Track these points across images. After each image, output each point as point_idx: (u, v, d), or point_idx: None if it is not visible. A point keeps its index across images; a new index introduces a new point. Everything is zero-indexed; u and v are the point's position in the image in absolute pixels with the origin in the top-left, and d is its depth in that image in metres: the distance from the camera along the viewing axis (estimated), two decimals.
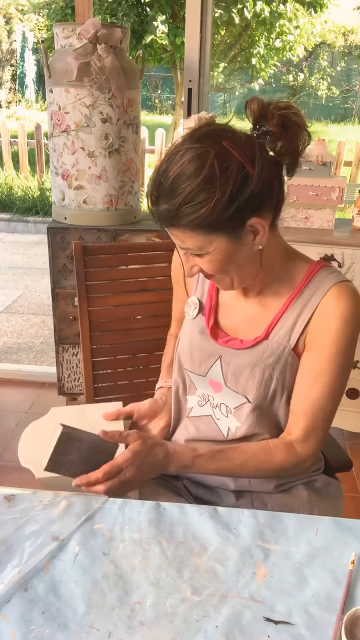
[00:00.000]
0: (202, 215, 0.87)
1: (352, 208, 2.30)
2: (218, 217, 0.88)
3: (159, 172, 0.90)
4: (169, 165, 0.89)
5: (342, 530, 0.88)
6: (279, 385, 1.03)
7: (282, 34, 9.79)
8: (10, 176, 7.38)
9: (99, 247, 1.63)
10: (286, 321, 1.02)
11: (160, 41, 8.54)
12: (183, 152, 0.88)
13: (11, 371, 2.91)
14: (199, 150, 0.87)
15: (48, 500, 0.91)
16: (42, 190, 6.88)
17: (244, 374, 1.04)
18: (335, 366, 0.99)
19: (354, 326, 0.98)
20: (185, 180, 0.87)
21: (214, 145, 0.87)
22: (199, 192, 0.86)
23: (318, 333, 0.99)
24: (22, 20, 15.41)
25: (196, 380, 1.13)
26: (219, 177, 0.86)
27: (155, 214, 0.92)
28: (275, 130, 0.91)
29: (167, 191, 0.88)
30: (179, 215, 0.88)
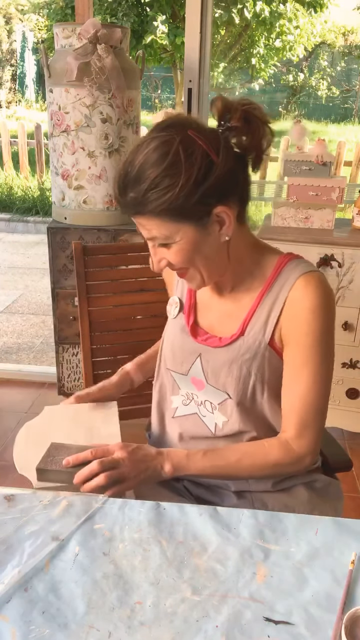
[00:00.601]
0: (168, 200, 0.89)
1: (352, 208, 2.30)
2: (184, 202, 0.89)
3: (125, 163, 0.92)
4: (135, 155, 0.91)
5: (342, 530, 0.88)
6: (258, 381, 1.03)
7: (282, 34, 9.80)
8: (10, 176, 7.38)
9: (99, 247, 1.63)
10: (260, 316, 1.03)
11: (160, 41, 8.55)
12: (148, 142, 0.91)
13: (11, 371, 2.91)
14: (164, 138, 0.89)
15: (48, 500, 0.91)
16: (42, 190, 6.88)
17: (223, 371, 1.05)
18: (315, 357, 0.99)
19: (325, 314, 0.98)
20: (150, 167, 0.89)
21: (179, 133, 0.90)
22: (164, 177, 0.88)
23: (291, 326, 1.00)
24: (22, 20, 15.41)
25: (179, 380, 1.13)
26: (184, 163, 0.88)
27: (122, 204, 0.94)
28: (239, 125, 0.93)
29: (133, 179, 0.90)
30: (145, 202, 0.90)
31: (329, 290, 1.00)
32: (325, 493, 1.13)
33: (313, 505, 1.09)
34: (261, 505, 1.09)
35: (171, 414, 1.16)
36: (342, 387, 2.30)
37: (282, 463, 1.02)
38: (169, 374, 1.15)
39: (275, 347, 1.02)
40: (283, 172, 2.31)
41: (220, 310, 1.08)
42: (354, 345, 2.22)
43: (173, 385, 1.15)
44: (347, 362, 2.25)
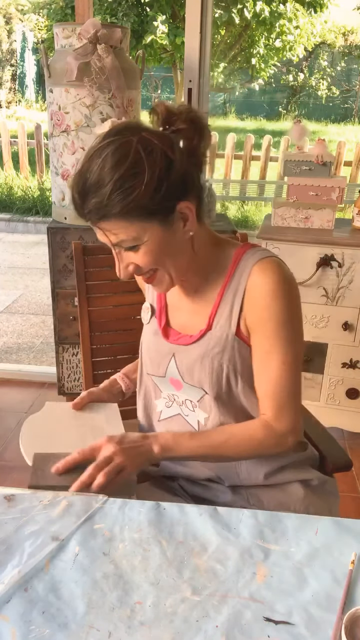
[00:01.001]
0: (135, 200, 0.89)
1: (352, 208, 2.30)
2: (149, 200, 0.90)
3: (81, 172, 0.92)
4: (91, 162, 0.91)
5: (342, 530, 0.88)
6: (231, 373, 1.04)
7: (282, 34, 9.80)
8: (10, 176, 7.39)
9: (99, 247, 1.63)
10: (224, 308, 1.04)
11: (160, 41, 8.55)
12: (104, 147, 0.91)
13: (11, 371, 2.91)
14: (120, 140, 0.90)
15: (48, 500, 0.91)
16: (42, 190, 6.88)
17: (196, 367, 1.06)
18: (281, 340, 1.00)
19: (284, 297, 0.99)
20: (111, 169, 0.89)
21: (134, 135, 0.91)
22: (128, 177, 0.89)
23: (253, 314, 1.01)
24: (22, 20, 15.41)
25: (159, 383, 1.14)
26: (145, 160, 0.89)
27: (83, 213, 0.93)
28: (186, 127, 0.95)
29: (94, 185, 0.90)
30: (110, 204, 0.89)
31: (287, 273, 1.01)
32: (321, 491, 1.13)
33: (309, 502, 1.10)
34: (256, 502, 1.10)
35: (157, 418, 1.17)
36: (342, 387, 2.30)
37: (266, 443, 1.03)
38: (150, 379, 1.17)
39: (243, 337, 1.04)
40: (283, 172, 2.31)
41: (189, 309, 1.09)
42: (354, 345, 2.22)
43: (155, 389, 1.16)
44: (347, 362, 2.25)
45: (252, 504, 1.09)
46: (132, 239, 0.93)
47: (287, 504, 1.09)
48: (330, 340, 2.25)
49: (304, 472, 1.13)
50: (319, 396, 2.34)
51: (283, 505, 1.09)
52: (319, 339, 2.26)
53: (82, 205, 0.92)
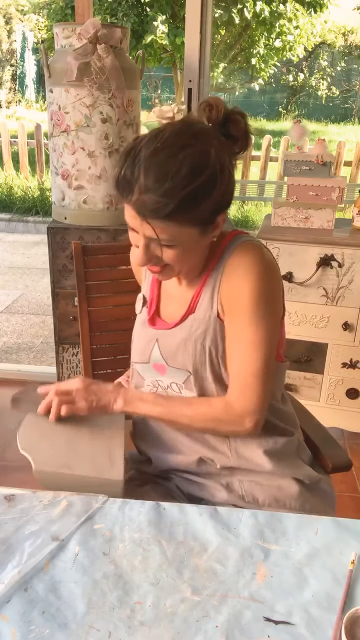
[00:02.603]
0: (198, 211, 0.92)
1: (352, 208, 2.30)
2: (208, 213, 0.94)
3: (153, 163, 0.89)
4: (163, 157, 0.89)
5: (342, 530, 0.88)
6: (213, 355, 1.05)
7: (282, 34, 9.80)
8: (10, 176, 7.38)
9: (99, 247, 1.63)
10: (207, 292, 1.05)
11: (160, 41, 8.55)
12: (181, 147, 0.90)
13: (11, 371, 2.91)
14: (200, 148, 0.91)
15: (48, 500, 0.91)
16: (42, 190, 6.88)
17: (180, 350, 1.07)
18: (250, 320, 1.00)
19: (257, 277, 0.99)
20: (187, 176, 0.89)
21: (211, 143, 0.92)
22: (200, 189, 0.90)
23: (227, 294, 1.02)
24: (22, 20, 15.41)
25: (142, 370, 1.15)
26: (219, 178, 0.92)
27: (137, 203, 0.90)
28: (241, 139, 0.98)
29: (162, 184, 0.88)
30: (174, 210, 0.89)
31: (265, 256, 1.02)
32: (315, 489, 1.14)
33: (304, 498, 1.10)
34: (252, 499, 1.10)
35: None
36: (342, 387, 2.30)
37: (221, 419, 1.04)
38: (134, 367, 1.18)
39: (222, 319, 1.04)
40: (283, 172, 2.31)
41: (180, 298, 1.10)
42: (354, 345, 2.22)
43: (138, 378, 1.17)
44: (347, 362, 2.25)
45: (248, 502, 1.10)
46: (171, 239, 0.94)
47: (283, 501, 1.09)
48: (330, 340, 2.25)
49: (298, 468, 1.13)
50: (319, 396, 2.34)
51: (279, 502, 1.09)
52: (319, 339, 2.26)
53: (140, 195, 0.90)
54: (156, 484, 1.16)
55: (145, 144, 0.91)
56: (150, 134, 0.94)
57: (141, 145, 0.91)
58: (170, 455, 1.14)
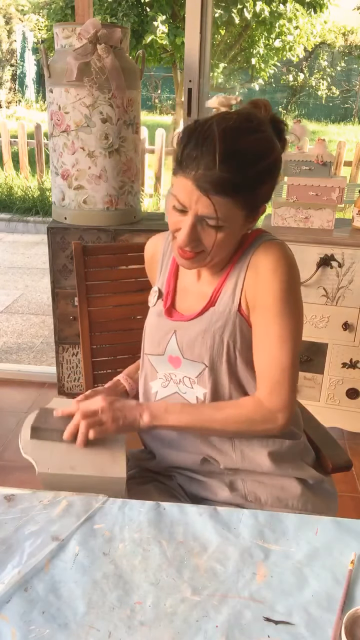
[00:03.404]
0: (256, 194, 0.98)
1: (352, 208, 2.30)
2: (263, 197, 1.00)
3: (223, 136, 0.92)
4: (240, 137, 0.93)
5: (342, 530, 0.88)
6: (230, 348, 1.06)
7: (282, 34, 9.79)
8: (10, 176, 7.38)
9: (99, 247, 1.63)
10: (228, 286, 1.07)
11: (160, 41, 8.54)
12: (252, 129, 0.95)
13: (11, 371, 2.91)
14: (268, 134, 0.97)
15: (48, 500, 0.91)
16: (42, 190, 6.88)
17: (198, 341, 1.07)
18: (279, 315, 1.01)
19: (284, 274, 1.01)
20: (258, 158, 0.94)
21: (273, 136, 0.98)
22: (266, 171, 0.96)
23: (254, 289, 1.03)
24: (22, 20, 15.41)
25: (156, 363, 1.15)
26: (279, 165, 0.99)
27: (203, 178, 0.92)
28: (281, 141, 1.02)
29: (237, 161, 0.92)
30: (240, 187, 0.93)
31: (289, 254, 1.04)
32: (318, 489, 1.14)
33: (306, 499, 1.10)
34: (254, 498, 1.10)
35: (152, 399, 1.18)
36: (342, 387, 2.30)
37: (254, 418, 1.04)
38: (147, 360, 1.18)
39: (243, 314, 1.05)
40: (283, 172, 2.31)
41: (198, 292, 1.11)
42: (354, 345, 2.22)
43: (151, 371, 1.17)
44: (347, 362, 2.25)
45: (250, 501, 1.10)
46: (223, 218, 0.96)
47: (285, 500, 1.09)
48: (330, 340, 2.25)
49: (300, 468, 1.13)
50: (319, 396, 2.34)
51: (281, 501, 1.09)
52: (319, 339, 2.26)
53: (206, 170, 0.92)
54: (158, 482, 1.16)
55: (216, 123, 0.93)
56: (216, 116, 0.97)
57: (209, 123, 0.94)
58: (175, 453, 1.14)
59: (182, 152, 0.94)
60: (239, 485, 1.11)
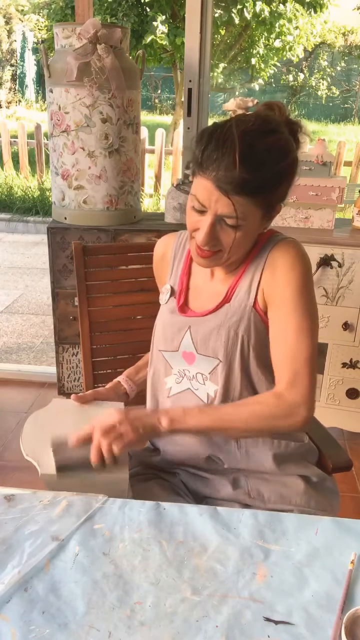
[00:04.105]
0: (276, 194, 1.00)
1: (352, 208, 2.30)
2: (281, 196, 1.01)
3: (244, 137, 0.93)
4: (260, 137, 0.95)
5: (342, 530, 0.88)
6: (245, 343, 1.06)
7: (281, 34, 9.79)
8: (10, 176, 7.38)
9: (99, 247, 1.63)
10: (244, 283, 1.08)
11: (160, 41, 8.54)
12: (270, 131, 0.97)
13: (11, 371, 2.91)
14: (285, 136, 0.99)
15: (48, 500, 0.91)
16: (42, 190, 6.88)
17: (212, 336, 1.08)
18: (298, 309, 1.03)
19: (302, 268, 1.04)
20: (276, 158, 0.96)
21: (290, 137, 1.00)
22: (284, 172, 0.98)
23: (272, 284, 1.05)
24: (22, 20, 15.41)
25: (171, 359, 1.15)
26: (296, 165, 1.01)
27: (223, 178, 0.94)
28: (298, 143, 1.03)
29: (256, 162, 0.94)
30: (260, 187, 0.95)
31: (305, 252, 1.07)
32: (321, 487, 1.14)
33: (309, 496, 1.10)
34: (257, 495, 1.10)
35: (166, 395, 1.17)
36: (342, 387, 2.30)
37: (276, 414, 1.01)
38: (160, 356, 1.17)
39: (259, 311, 1.06)
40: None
41: (211, 290, 1.12)
42: (354, 345, 2.22)
43: (165, 367, 1.17)
44: (347, 362, 2.25)
45: (253, 497, 1.10)
46: (242, 217, 0.97)
47: (288, 497, 1.10)
48: (330, 340, 2.25)
49: (304, 467, 1.13)
50: (319, 396, 2.33)
51: (284, 498, 1.09)
52: (319, 339, 2.24)
53: (226, 171, 0.93)
54: (161, 479, 1.16)
55: (235, 125, 0.95)
56: (234, 118, 0.99)
57: (228, 125, 0.96)
58: (179, 450, 1.14)
59: (202, 153, 0.96)
60: (242, 483, 1.11)
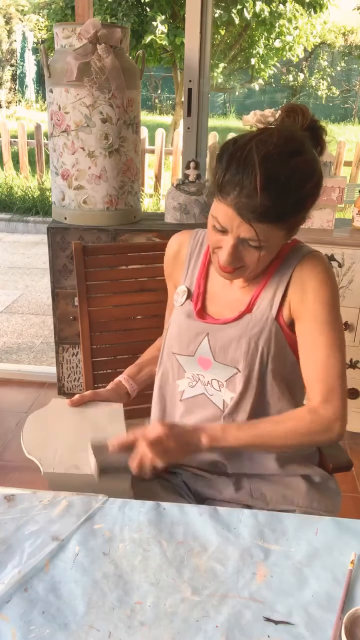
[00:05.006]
0: (297, 218, 0.97)
1: (352, 208, 2.30)
2: (303, 218, 0.99)
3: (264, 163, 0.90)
4: (281, 163, 0.91)
5: (342, 530, 0.88)
6: (264, 355, 1.06)
7: (281, 34, 9.79)
8: (10, 176, 7.38)
9: (99, 247, 1.63)
10: (267, 294, 1.07)
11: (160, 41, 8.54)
12: (290, 154, 0.92)
13: (11, 371, 2.91)
14: (308, 157, 0.95)
15: (48, 500, 0.91)
16: (42, 190, 6.88)
17: (232, 346, 1.07)
18: (328, 324, 1.02)
19: (331, 286, 1.04)
20: (298, 184, 0.92)
21: (314, 155, 0.97)
22: (307, 196, 0.95)
23: (302, 300, 1.04)
24: (22, 20, 15.40)
25: (185, 363, 1.15)
26: (319, 185, 0.97)
27: (244, 206, 0.92)
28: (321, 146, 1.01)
29: (279, 189, 0.91)
30: (283, 214, 0.94)
31: (331, 267, 1.07)
32: (324, 487, 1.14)
33: (311, 497, 1.10)
34: (260, 496, 1.10)
35: (178, 398, 1.17)
36: None
37: (313, 430, 1.02)
38: (173, 358, 1.17)
39: (282, 323, 1.06)
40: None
41: (231, 296, 1.11)
42: (354, 345, 2.22)
43: (178, 369, 1.16)
44: (347, 362, 2.25)
45: (256, 498, 1.10)
46: (264, 240, 0.96)
47: (291, 498, 1.10)
48: None
49: (307, 467, 1.14)
50: None
51: (287, 499, 1.09)
52: None
53: (247, 199, 0.91)
54: (163, 479, 1.16)
55: (255, 148, 0.91)
56: (254, 136, 0.93)
57: (248, 148, 0.91)
58: None
59: (223, 177, 0.93)
60: (244, 483, 1.11)
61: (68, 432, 1.06)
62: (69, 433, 1.06)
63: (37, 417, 1.13)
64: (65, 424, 1.09)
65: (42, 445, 1.01)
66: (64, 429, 1.06)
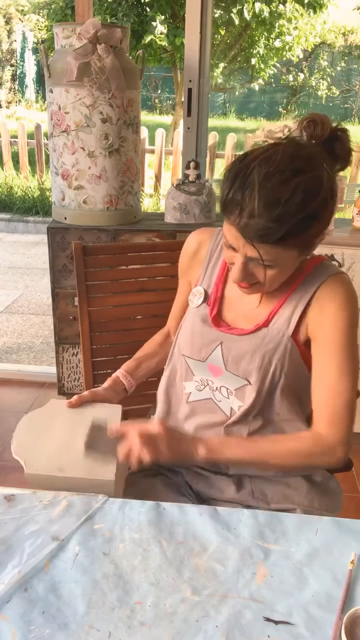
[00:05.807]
0: (306, 236, 0.93)
1: (352, 208, 2.30)
2: (314, 238, 0.95)
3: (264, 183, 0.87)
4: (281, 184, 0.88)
5: (342, 530, 0.88)
6: (277, 371, 1.05)
7: (281, 34, 9.80)
8: (10, 176, 7.38)
9: (99, 247, 1.63)
10: (286, 310, 1.05)
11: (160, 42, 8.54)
12: (294, 172, 0.88)
13: (11, 371, 2.91)
14: (312, 174, 0.89)
15: (48, 500, 0.91)
16: (42, 190, 6.88)
17: (245, 359, 1.06)
18: (342, 349, 1.01)
19: (351, 311, 1.01)
20: (300, 204, 0.88)
21: (322, 168, 0.91)
22: (311, 217, 0.90)
23: (319, 321, 1.02)
24: (22, 20, 15.40)
25: (194, 366, 1.14)
26: (328, 205, 0.92)
27: (246, 227, 0.90)
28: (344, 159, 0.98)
29: (280, 214, 0.88)
30: (285, 236, 0.90)
31: (354, 291, 1.04)
32: (325, 487, 1.14)
33: (312, 497, 1.10)
34: (261, 495, 1.10)
35: (184, 399, 1.17)
36: None
37: (313, 453, 1.02)
38: (182, 360, 1.16)
39: (298, 341, 1.05)
40: None
41: (248, 306, 1.10)
42: None
43: (187, 371, 1.16)
44: None
45: (257, 497, 1.10)
46: (272, 260, 0.94)
47: (292, 498, 1.10)
48: None
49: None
50: None
51: (288, 498, 1.10)
52: None
53: (250, 219, 0.89)
54: (165, 477, 1.16)
55: (257, 167, 0.89)
56: (259, 154, 0.91)
57: (252, 167, 0.89)
58: None
59: (226, 196, 0.92)
60: (245, 483, 1.11)
61: (60, 434, 1.05)
62: (62, 434, 1.05)
63: (32, 418, 1.12)
64: (60, 425, 1.09)
65: (32, 446, 1.01)
66: (58, 431, 1.06)
